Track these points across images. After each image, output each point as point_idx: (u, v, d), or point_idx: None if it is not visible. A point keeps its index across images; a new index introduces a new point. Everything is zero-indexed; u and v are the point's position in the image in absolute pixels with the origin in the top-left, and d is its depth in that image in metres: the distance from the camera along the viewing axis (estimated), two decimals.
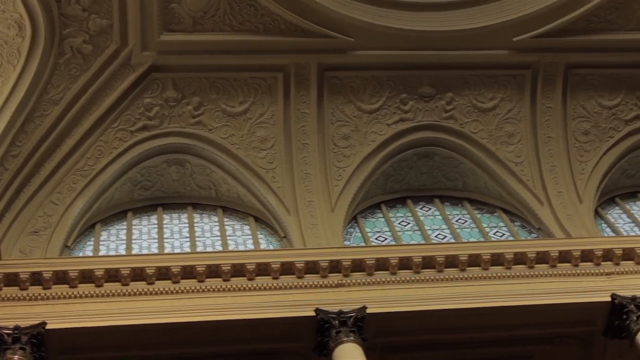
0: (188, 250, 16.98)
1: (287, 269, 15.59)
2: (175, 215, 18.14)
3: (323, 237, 17.07)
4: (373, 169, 18.51)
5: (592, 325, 16.08)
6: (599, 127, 19.31)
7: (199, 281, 15.24)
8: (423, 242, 17.55)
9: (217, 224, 17.96)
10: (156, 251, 16.89)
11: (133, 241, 17.27)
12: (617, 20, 18.78)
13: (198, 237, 17.47)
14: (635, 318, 15.56)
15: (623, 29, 18.91)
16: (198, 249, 17.02)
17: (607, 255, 16.43)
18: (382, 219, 18.51)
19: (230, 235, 17.66)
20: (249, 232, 17.81)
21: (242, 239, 17.63)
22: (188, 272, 15.25)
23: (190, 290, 15.14)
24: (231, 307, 15.01)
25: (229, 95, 18.04)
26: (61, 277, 14.88)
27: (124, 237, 17.39)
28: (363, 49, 18.21)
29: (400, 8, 18.23)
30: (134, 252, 16.87)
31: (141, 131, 17.81)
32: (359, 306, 15.15)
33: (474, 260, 16.11)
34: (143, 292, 15.01)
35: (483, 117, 18.99)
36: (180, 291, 15.11)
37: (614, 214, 19.17)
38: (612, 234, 18.37)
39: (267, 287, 15.40)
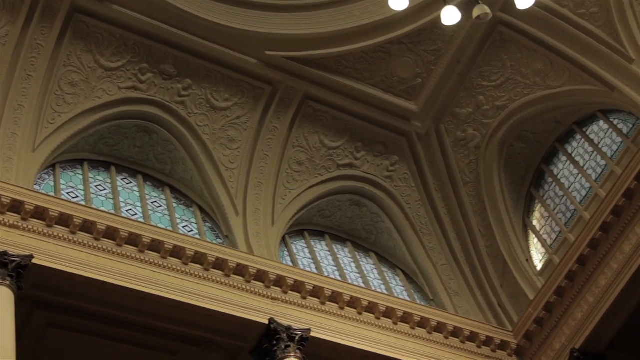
0: None
1: None
2: None
3: (14, 173, 16.37)
4: (89, 125, 18.05)
5: (242, 341, 16.54)
6: (313, 162, 19.99)
7: None
8: (113, 212, 17.24)
9: None
10: None
11: None
12: (363, 71, 19.64)
13: None
14: (283, 347, 16.17)
15: (365, 81, 19.79)
16: None
17: (279, 282, 17.02)
18: (81, 177, 18.02)
19: None
20: None
21: None
22: None
23: None
24: None
25: None
26: None
27: None
28: (121, 5, 17.81)
29: None
30: None
31: None
32: (27, 254, 14.69)
33: (156, 246, 16.15)
34: None
35: (212, 114, 19.08)
36: None
37: (299, 246, 19.85)
38: (290, 263, 18.98)
39: None
